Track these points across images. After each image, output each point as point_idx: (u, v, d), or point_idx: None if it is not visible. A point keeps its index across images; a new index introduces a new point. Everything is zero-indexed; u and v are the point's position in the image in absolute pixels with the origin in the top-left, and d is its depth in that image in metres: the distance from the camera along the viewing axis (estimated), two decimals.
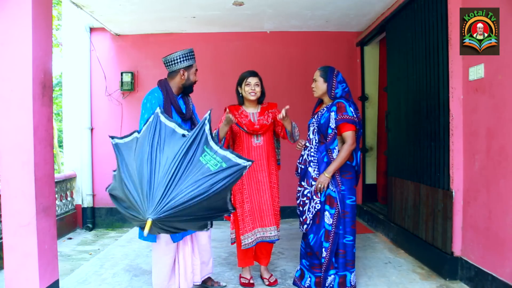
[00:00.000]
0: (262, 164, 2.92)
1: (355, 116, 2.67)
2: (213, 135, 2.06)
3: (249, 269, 3.02)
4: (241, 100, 2.99)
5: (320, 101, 2.91)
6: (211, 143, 1.99)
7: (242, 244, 2.87)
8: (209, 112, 2.06)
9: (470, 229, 2.89)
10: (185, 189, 1.83)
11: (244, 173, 2.01)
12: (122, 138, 2.15)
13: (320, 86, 2.79)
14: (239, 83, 2.96)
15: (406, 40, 3.84)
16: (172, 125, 2.04)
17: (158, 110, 2.11)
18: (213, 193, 1.89)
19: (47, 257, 2.64)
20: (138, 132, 2.13)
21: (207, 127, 1.99)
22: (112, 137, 2.17)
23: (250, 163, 1.99)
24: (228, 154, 1.97)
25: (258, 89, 2.92)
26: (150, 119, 2.10)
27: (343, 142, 2.69)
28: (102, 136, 5.32)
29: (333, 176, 2.67)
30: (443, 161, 3.11)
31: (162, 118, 2.05)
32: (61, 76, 8.12)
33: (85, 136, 5.28)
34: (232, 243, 3.00)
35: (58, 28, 8.91)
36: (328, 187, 2.68)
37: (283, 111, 2.70)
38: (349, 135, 2.65)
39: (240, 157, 1.99)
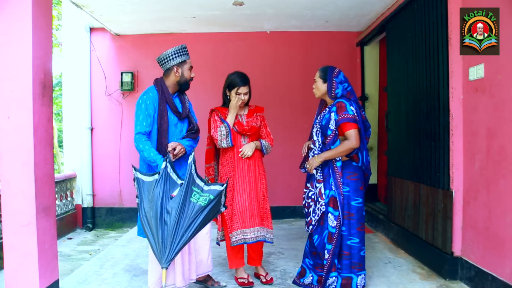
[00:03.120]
0: (249, 164, 2.95)
1: (356, 114, 2.63)
2: (196, 174, 2.30)
3: (243, 269, 3.01)
4: (228, 102, 2.99)
5: (324, 102, 2.89)
6: (198, 181, 2.27)
7: (231, 241, 2.87)
8: (193, 155, 2.33)
9: (470, 229, 2.89)
10: (186, 233, 2.17)
11: (223, 194, 2.30)
12: (144, 174, 2.32)
13: (319, 86, 2.78)
14: (229, 88, 2.94)
15: (406, 40, 3.84)
16: (174, 177, 2.31)
17: (163, 164, 2.29)
18: (205, 218, 2.24)
19: (47, 257, 2.64)
20: (158, 173, 2.31)
21: (193, 170, 2.25)
22: (135, 170, 2.35)
23: (225, 185, 2.30)
24: (211, 187, 2.27)
25: (246, 97, 2.94)
26: (162, 167, 2.28)
27: None
28: (102, 136, 5.33)
29: (334, 177, 2.66)
30: (443, 161, 3.11)
31: (169, 170, 2.30)
32: (61, 76, 8.11)
33: (85, 136, 5.29)
34: (221, 240, 3.05)
35: (58, 28, 8.91)
36: (333, 182, 2.64)
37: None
38: (351, 133, 2.60)
39: (219, 184, 2.31)
